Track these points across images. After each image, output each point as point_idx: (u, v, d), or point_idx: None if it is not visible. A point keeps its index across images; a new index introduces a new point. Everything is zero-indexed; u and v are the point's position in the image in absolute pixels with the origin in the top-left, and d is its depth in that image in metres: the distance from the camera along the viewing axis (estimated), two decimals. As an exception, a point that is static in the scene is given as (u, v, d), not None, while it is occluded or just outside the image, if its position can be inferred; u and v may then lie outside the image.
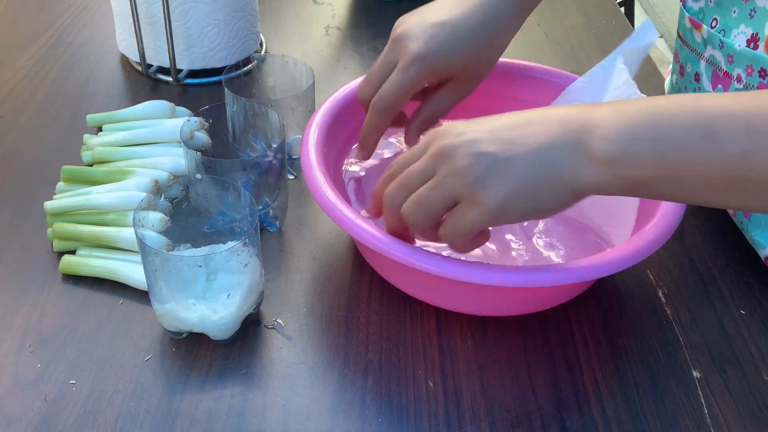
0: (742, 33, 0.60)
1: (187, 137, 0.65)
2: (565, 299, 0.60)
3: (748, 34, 0.60)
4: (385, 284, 0.61)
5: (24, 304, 0.59)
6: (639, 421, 0.52)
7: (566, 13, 1.05)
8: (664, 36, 3.02)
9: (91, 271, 0.60)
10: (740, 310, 0.61)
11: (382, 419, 0.52)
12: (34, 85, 0.85)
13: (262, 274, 0.57)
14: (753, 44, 0.59)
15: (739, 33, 0.60)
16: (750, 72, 0.59)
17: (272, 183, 0.63)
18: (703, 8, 0.66)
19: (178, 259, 0.53)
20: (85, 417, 0.51)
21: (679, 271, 0.64)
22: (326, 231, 0.66)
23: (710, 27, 0.64)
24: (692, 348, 0.58)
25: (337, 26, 1.00)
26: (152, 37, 0.84)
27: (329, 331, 0.58)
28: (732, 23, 0.62)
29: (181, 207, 0.60)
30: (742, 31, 0.60)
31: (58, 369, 0.54)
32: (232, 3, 0.83)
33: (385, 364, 0.55)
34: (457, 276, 0.51)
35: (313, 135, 0.62)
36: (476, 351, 0.57)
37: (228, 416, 0.51)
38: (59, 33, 0.95)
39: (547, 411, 0.53)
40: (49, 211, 0.64)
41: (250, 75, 0.74)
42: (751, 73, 0.59)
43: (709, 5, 0.65)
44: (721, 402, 0.54)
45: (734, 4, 0.62)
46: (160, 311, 0.55)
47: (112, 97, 0.84)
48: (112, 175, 0.66)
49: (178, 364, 0.55)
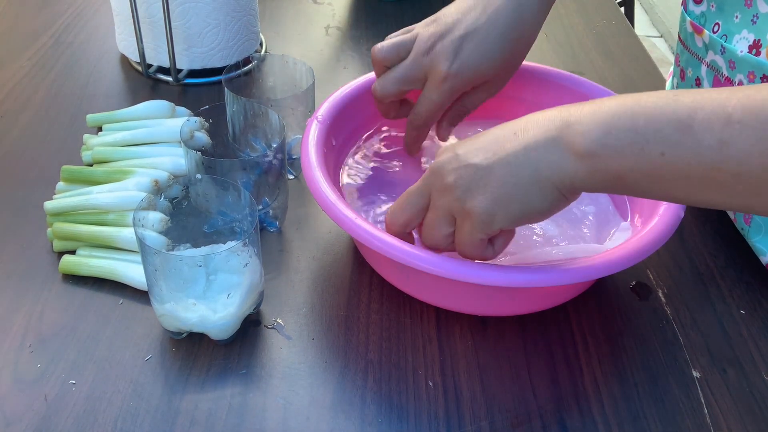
0: (744, 39, 0.60)
1: (187, 137, 0.65)
2: (565, 299, 0.60)
3: (750, 40, 0.59)
4: (385, 284, 0.61)
5: (24, 304, 0.59)
6: (639, 421, 0.52)
7: (566, 13, 1.05)
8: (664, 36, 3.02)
9: (91, 271, 0.60)
10: (740, 310, 0.61)
11: (382, 419, 0.52)
12: (34, 85, 0.85)
13: (262, 274, 0.57)
14: (755, 50, 0.58)
15: (741, 39, 0.60)
16: (752, 78, 0.58)
17: (272, 183, 0.63)
18: (705, 12, 0.65)
19: (178, 259, 0.53)
20: (85, 417, 0.51)
21: (679, 271, 0.64)
22: (326, 231, 0.66)
23: (712, 32, 0.63)
24: (692, 348, 0.58)
25: (337, 26, 1.00)
26: (152, 37, 0.84)
27: (329, 331, 0.58)
28: (734, 29, 0.61)
29: (181, 207, 0.60)
30: (744, 36, 0.60)
31: (58, 369, 0.54)
32: (232, 3, 0.83)
33: (385, 364, 0.55)
34: (457, 276, 0.51)
35: (313, 135, 0.62)
36: (476, 351, 0.57)
37: (228, 416, 0.51)
38: (59, 33, 0.95)
39: (547, 411, 0.53)
40: (49, 211, 0.64)
41: (250, 75, 0.74)
42: (753, 80, 0.58)
43: (710, 10, 0.64)
44: (721, 402, 0.54)
45: (736, 9, 0.61)
46: (160, 311, 0.55)
47: (112, 97, 0.84)
48: (112, 175, 0.66)
49: (178, 364, 0.55)
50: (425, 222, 0.53)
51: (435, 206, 0.51)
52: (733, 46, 0.61)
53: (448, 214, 0.51)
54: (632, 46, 0.98)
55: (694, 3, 0.67)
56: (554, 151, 0.46)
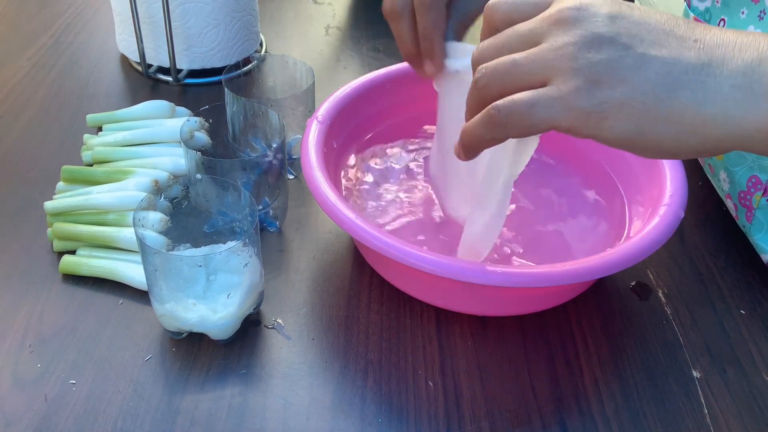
0: None
1: (187, 137, 0.65)
2: (565, 299, 0.60)
3: None
4: (385, 284, 0.61)
5: (24, 304, 0.59)
6: (639, 421, 0.52)
7: (566, 13, 1.05)
8: (664, 36, 3.02)
9: (91, 271, 0.60)
10: (740, 310, 0.61)
11: (382, 419, 0.52)
12: (34, 85, 0.85)
13: (262, 274, 0.57)
14: None
15: None
16: None
17: (272, 183, 0.63)
18: (710, 8, 0.65)
19: (178, 259, 0.53)
20: (85, 417, 0.51)
21: (679, 271, 0.64)
22: (326, 231, 0.66)
23: None
24: (692, 348, 0.58)
25: (337, 26, 1.00)
26: (152, 37, 0.84)
27: (329, 331, 0.58)
28: (740, 24, 0.61)
29: (181, 207, 0.60)
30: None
31: (58, 369, 0.54)
32: (232, 3, 0.83)
33: (385, 364, 0.55)
34: (457, 276, 0.51)
35: (313, 135, 0.62)
36: (476, 351, 0.57)
37: (228, 416, 0.51)
38: (59, 33, 0.95)
39: (547, 411, 0.53)
40: (49, 211, 0.64)
41: (250, 75, 0.74)
42: None
43: (715, 5, 0.64)
44: (721, 402, 0.54)
45: (743, 5, 0.61)
46: (160, 311, 0.55)
47: (112, 97, 0.84)
48: (112, 175, 0.66)
49: (178, 364, 0.55)
50: (505, 59, 0.39)
51: (538, 53, 0.38)
52: None
53: (542, 75, 0.38)
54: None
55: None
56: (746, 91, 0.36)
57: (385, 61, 0.91)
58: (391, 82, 0.70)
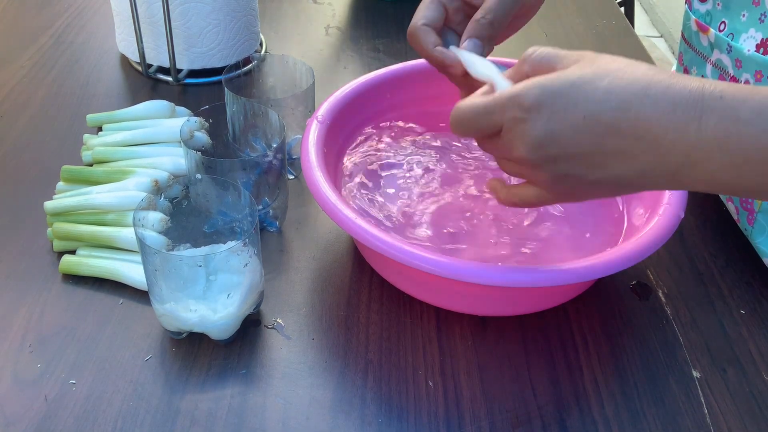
0: (751, 37, 0.59)
1: (187, 137, 0.65)
2: (565, 299, 0.60)
3: (757, 39, 0.59)
4: (385, 284, 0.61)
5: (24, 304, 0.59)
6: (639, 421, 0.52)
7: (566, 13, 1.05)
8: (664, 36, 3.02)
9: (91, 271, 0.60)
10: (740, 310, 0.61)
11: (382, 419, 0.52)
12: (34, 85, 0.85)
13: (262, 274, 0.57)
14: (763, 49, 0.58)
15: (749, 37, 0.59)
16: (759, 78, 0.58)
17: (272, 183, 0.63)
18: (711, 11, 0.65)
19: (178, 259, 0.53)
20: (85, 417, 0.51)
21: (679, 271, 0.64)
22: (326, 231, 0.66)
23: (718, 30, 0.63)
24: (692, 348, 0.58)
25: (337, 26, 1.00)
26: (152, 37, 0.84)
27: (329, 331, 0.58)
28: (741, 27, 0.61)
29: (181, 207, 0.60)
30: (752, 35, 0.59)
31: (58, 369, 0.54)
32: (232, 3, 0.83)
33: (385, 364, 0.55)
34: (457, 276, 0.51)
35: (313, 135, 0.62)
36: (476, 351, 0.57)
37: (228, 416, 0.51)
38: (59, 33, 0.95)
39: (547, 411, 0.53)
40: (49, 211, 0.64)
41: (250, 75, 0.74)
42: (760, 79, 0.57)
43: (716, 8, 0.64)
44: (721, 402, 0.54)
45: (744, 7, 0.61)
46: (160, 311, 0.55)
47: (112, 97, 0.84)
48: (112, 175, 0.66)
49: (178, 364, 0.55)
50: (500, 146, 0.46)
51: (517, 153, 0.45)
52: (740, 44, 0.60)
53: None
54: (632, 46, 0.98)
55: (699, 1, 0.66)
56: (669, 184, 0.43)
57: (385, 61, 0.91)
58: (391, 82, 0.70)
